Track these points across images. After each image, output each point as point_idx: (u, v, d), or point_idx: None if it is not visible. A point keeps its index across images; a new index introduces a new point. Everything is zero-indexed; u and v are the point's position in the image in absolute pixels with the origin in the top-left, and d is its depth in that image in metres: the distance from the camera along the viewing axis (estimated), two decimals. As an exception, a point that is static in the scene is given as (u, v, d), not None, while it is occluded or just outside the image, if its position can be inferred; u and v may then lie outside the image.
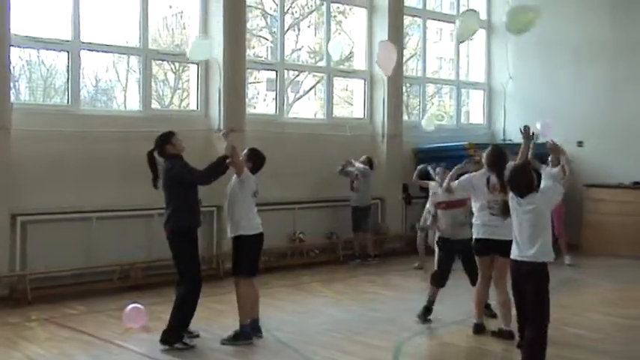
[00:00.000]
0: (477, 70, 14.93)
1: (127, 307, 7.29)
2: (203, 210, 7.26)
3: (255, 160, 6.89)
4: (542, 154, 10.17)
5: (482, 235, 6.74)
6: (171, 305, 6.61)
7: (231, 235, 6.73)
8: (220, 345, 6.62)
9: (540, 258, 5.52)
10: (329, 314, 7.98)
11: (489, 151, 6.85)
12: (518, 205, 5.65)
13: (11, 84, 9.06)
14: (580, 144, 12.94)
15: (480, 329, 6.97)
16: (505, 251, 5.84)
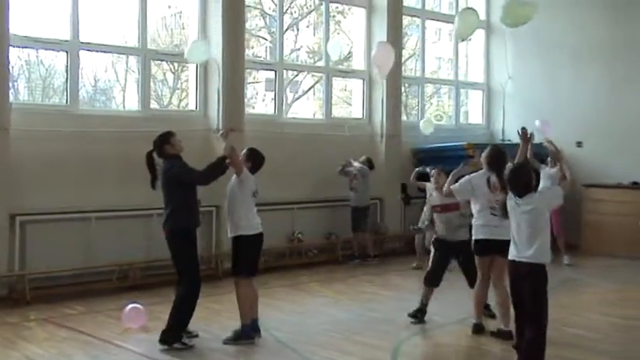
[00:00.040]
0: (476, 70, 14.92)
1: (127, 307, 7.29)
2: (202, 210, 7.26)
3: (255, 160, 6.90)
4: (542, 154, 10.19)
5: (482, 236, 6.74)
6: (171, 305, 6.61)
7: (231, 235, 6.73)
8: (220, 345, 6.62)
9: (539, 259, 5.53)
10: (328, 314, 7.98)
11: (489, 151, 6.85)
12: (516, 205, 5.65)
13: (10, 84, 9.07)
14: (579, 144, 12.95)
15: (479, 329, 6.98)
16: (505, 251, 5.84)
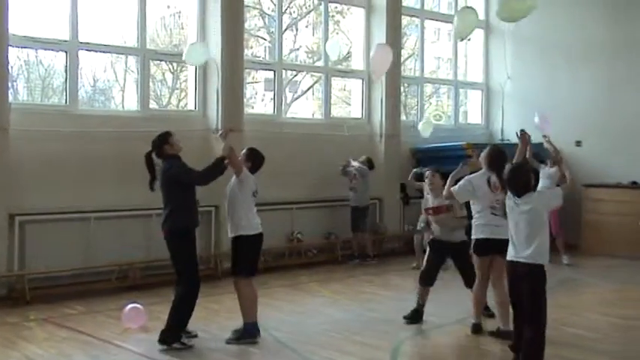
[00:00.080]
0: (475, 70, 14.91)
1: (126, 307, 7.29)
2: (201, 210, 7.25)
3: (255, 160, 6.90)
4: (542, 154, 10.18)
5: (482, 235, 6.74)
6: (170, 305, 6.61)
7: (232, 235, 6.73)
8: (219, 345, 6.62)
9: (537, 259, 5.53)
10: (327, 314, 7.98)
11: (488, 151, 6.84)
12: (515, 205, 5.65)
13: (9, 84, 9.06)
14: (578, 144, 12.95)
15: (478, 329, 6.98)
16: (504, 251, 5.83)
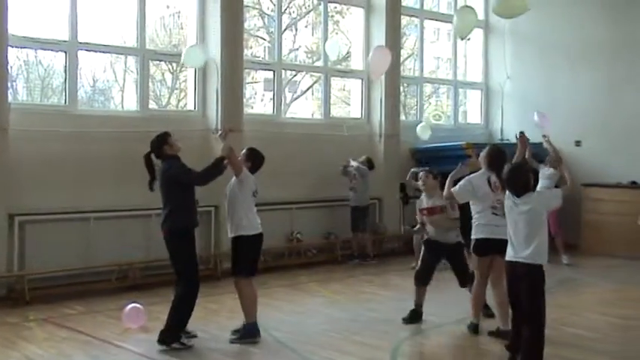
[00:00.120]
0: (475, 70, 14.91)
1: (126, 307, 7.29)
2: (200, 210, 7.26)
3: (254, 160, 6.91)
4: (541, 154, 10.17)
5: (482, 235, 6.73)
6: (170, 305, 6.61)
7: (232, 235, 6.73)
8: (218, 345, 6.64)
9: (536, 259, 5.53)
10: (327, 314, 7.98)
11: (488, 151, 6.84)
12: (514, 205, 5.65)
13: (9, 84, 9.06)
14: (578, 143, 12.95)
15: (478, 329, 6.98)
16: (504, 251, 5.84)
